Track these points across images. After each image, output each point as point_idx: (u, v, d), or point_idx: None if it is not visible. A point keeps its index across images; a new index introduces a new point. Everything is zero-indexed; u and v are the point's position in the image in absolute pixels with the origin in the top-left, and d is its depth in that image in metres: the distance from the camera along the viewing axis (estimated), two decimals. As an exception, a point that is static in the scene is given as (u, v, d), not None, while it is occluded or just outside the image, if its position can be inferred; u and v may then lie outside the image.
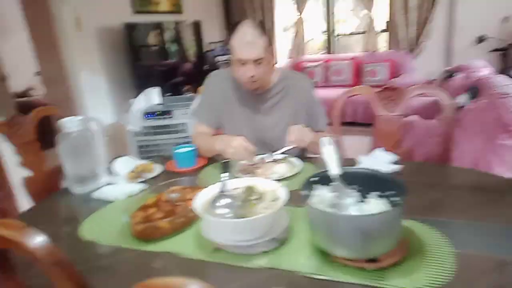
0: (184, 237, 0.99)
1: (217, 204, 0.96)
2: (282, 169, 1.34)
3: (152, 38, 4.10)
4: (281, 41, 5.73)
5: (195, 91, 4.38)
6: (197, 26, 4.65)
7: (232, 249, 0.89)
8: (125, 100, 3.84)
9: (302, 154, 1.62)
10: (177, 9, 4.62)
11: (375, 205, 0.91)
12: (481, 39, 4.53)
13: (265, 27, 5.29)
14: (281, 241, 0.91)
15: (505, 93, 2.30)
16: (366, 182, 0.95)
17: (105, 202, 1.23)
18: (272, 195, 0.98)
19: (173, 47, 4.44)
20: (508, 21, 4.32)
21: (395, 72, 4.70)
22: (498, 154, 2.36)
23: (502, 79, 2.62)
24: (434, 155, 1.61)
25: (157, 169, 1.46)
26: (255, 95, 1.57)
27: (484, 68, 3.25)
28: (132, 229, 1.01)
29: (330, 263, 0.82)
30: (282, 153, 1.40)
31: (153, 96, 2.52)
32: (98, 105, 3.37)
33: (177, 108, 2.50)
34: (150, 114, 2.48)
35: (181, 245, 0.95)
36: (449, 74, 3.38)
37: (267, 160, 1.40)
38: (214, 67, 5.21)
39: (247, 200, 0.97)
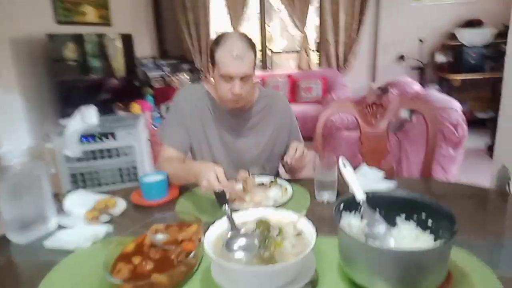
0: (189, 291, 0.79)
1: (233, 247, 0.78)
2: (274, 194, 1.20)
3: (75, 51, 3.67)
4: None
5: (127, 109, 4.04)
6: (127, 40, 4.30)
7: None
8: (44, 121, 3.35)
9: (276, 175, 1.50)
10: (105, 21, 4.23)
11: (407, 231, 0.83)
12: (401, 58, 4.95)
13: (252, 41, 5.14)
14: (312, 283, 0.77)
15: (443, 107, 2.47)
16: (392, 205, 0.87)
17: (63, 253, 0.95)
18: (292, 228, 0.84)
19: (100, 61, 4.04)
20: (423, 43, 4.79)
21: (328, 88, 4.88)
22: (440, 163, 2.51)
23: (438, 94, 2.83)
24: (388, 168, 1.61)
25: (120, 203, 1.21)
26: (234, 115, 1.42)
27: (413, 84, 3.51)
28: (119, 289, 0.78)
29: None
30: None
31: (89, 116, 2.19)
32: (10, 127, 2.86)
33: (120, 129, 2.20)
34: (87, 136, 2.14)
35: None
36: (385, 90, 3.58)
37: (253, 184, 1.25)
38: (146, 83, 4.89)
39: (267, 237, 0.81)
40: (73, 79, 3.59)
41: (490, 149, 3.63)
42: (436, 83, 4.76)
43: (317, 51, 5.36)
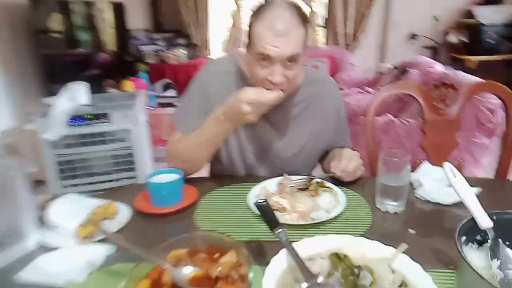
0: None
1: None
2: (325, 202, 0.92)
3: (61, 21, 3.30)
4: (214, 31, 5.22)
5: (118, 86, 3.71)
6: (119, 9, 3.92)
7: None
8: (27, 99, 3.00)
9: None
10: (93, -13, 3.81)
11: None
12: (413, 36, 4.65)
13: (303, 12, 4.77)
14: None
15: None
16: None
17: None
18: (386, 271, 0.57)
19: (88, 33, 3.67)
20: (437, 20, 4.49)
21: (336, 67, 4.57)
22: (471, 153, 2.27)
23: (468, 75, 2.56)
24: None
25: (123, 212, 0.93)
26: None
27: (434, 64, 3.23)
28: None
29: None
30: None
31: (78, 94, 1.86)
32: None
33: (115, 110, 1.88)
34: (77, 118, 1.81)
35: None
36: (402, 70, 3.30)
37: (297, 187, 0.97)
38: (139, 58, 4.52)
39: (359, 286, 0.54)
40: (59, 53, 3.25)
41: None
42: (450, 64, 4.49)
43: (324, 27, 5.01)
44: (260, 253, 0.74)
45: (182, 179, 0.98)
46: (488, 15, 4.13)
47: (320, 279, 0.54)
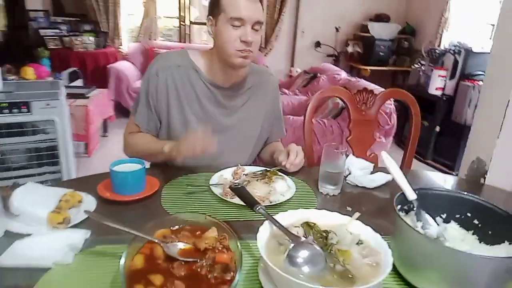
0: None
1: (297, 260, 0.64)
2: (281, 188, 1.07)
3: None
4: (125, 21, 4.99)
5: (17, 73, 3.32)
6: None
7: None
8: None
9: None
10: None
11: (455, 232, 0.81)
12: (317, 44, 5.14)
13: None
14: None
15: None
16: (434, 204, 0.83)
17: (28, 273, 0.68)
18: (346, 233, 0.73)
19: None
20: (338, 31, 5.04)
21: (250, 67, 4.80)
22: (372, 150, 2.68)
23: (369, 83, 2.99)
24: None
25: (88, 200, 0.94)
26: (222, 90, 1.22)
27: (340, 71, 3.67)
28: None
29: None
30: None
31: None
32: None
33: (35, 98, 1.72)
34: (-11, 106, 1.62)
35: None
36: (313, 75, 3.66)
37: (256, 176, 1.10)
38: (39, 43, 4.09)
39: (328, 246, 0.69)
40: None
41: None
42: (348, 72, 5.09)
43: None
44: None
45: (145, 169, 1.02)
46: (378, 30, 4.81)
47: (302, 239, 0.67)
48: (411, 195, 0.79)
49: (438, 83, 3.47)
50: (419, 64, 3.93)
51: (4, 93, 1.74)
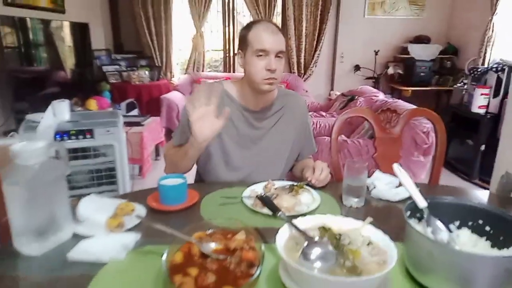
0: (261, 305, 0.73)
1: (310, 256, 0.74)
2: (306, 200, 1.17)
3: (27, 38, 3.30)
4: (176, 55, 5.42)
5: (82, 105, 3.74)
6: (83, 29, 3.99)
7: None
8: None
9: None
10: (58, 7, 3.87)
11: (466, 237, 0.86)
12: (356, 67, 5.21)
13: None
14: (388, 293, 0.75)
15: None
16: (446, 212, 0.89)
17: (90, 266, 0.83)
18: (359, 236, 0.82)
19: (49, 52, 3.68)
20: (377, 54, 5.08)
21: (290, 93, 4.95)
22: (411, 168, 2.67)
23: (406, 103, 3.01)
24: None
25: (139, 209, 1.10)
26: (254, 113, 1.37)
27: (377, 93, 3.70)
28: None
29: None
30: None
31: (61, 111, 1.96)
32: None
33: (98, 126, 2.00)
34: (61, 133, 1.91)
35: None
36: (351, 97, 3.73)
37: (285, 190, 1.21)
38: (101, 77, 4.57)
39: (341, 246, 0.78)
40: (17, 70, 3.22)
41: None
42: (389, 93, 5.08)
43: (278, 56, 5.41)
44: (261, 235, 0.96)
45: (186, 183, 1.17)
46: (419, 52, 4.79)
47: (316, 239, 0.77)
48: (421, 203, 0.86)
49: (481, 101, 3.38)
50: (462, 83, 3.86)
51: (72, 122, 2.02)
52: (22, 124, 1.89)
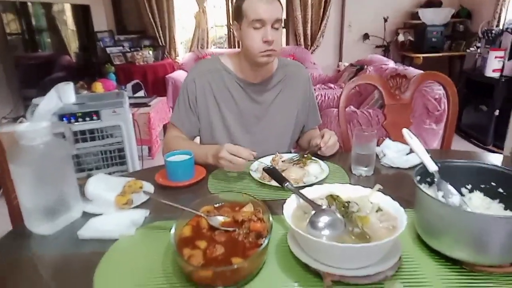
0: (270, 275, 0.73)
1: (318, 225, 0.73)
2: (314, 171, 1.15)
3: (30, 24, 3.28)
4: (180, 33, 5.34)
5: (89, 88, 3.74)
6: (84, 11, 3.95)
7: (355, 280, 0.68)
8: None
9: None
10: (58, -11, 3.80)
11: (479, 200, 0.84)
12: (365, 36, 5.06)
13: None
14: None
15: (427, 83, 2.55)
16: (457, 175, 0.87)
17: (101, 243, 0.84)
18: (367, 203, 0.80)
19: (52, 36, 3.66)
20: (387, 21, 4.92)
21: (298, 66, 4.87)
22: (423, 137, 2.62)
23: (416, 70, 2.92)
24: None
25: (147, 186, 1.10)
26: (254, 86, 1.34)
27: (387, 62, 3.60)
28: (195, 275, 0.70)
29: (469, 273, 0.70)
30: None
31: (67, 94, 1.96)
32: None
33: (105, 107, 2.00)
34: (68, 116, 1.92)
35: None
36: (360, 67, 3.64)
37: (293, 162, 1.20)
38: (105, 59, 4.55)
39: (349, 213, 0.77)
40: (23, 56, 3.22)
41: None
42: (399, 61, 4.94)
43: (283, 27, 5.29)
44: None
45: (193, 159, 1.17)
46: (430, 17, 4.61)
47: (324, 207, 0.76)
48: (432, 167, 0.84)
49: (495, 64, 3.26)
50: (475, 47, 3.72)
51: (78, 104, 2.02)
52: (29, 108, 1.90)
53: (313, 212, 0.75)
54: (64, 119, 1.93)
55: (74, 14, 3.84)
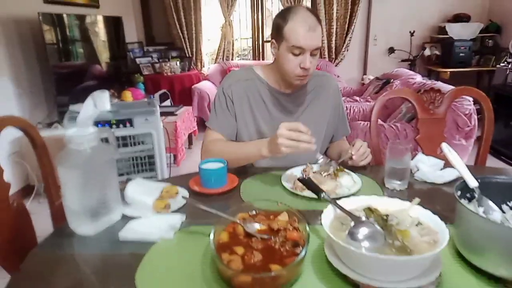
0: (308, 285, 0.73)
1: (358, 236, 0.73)
2: (347, 183, 1.15)
3: (65, 34, 3.42)
4: (206, 45, 5.46)
5: (119, 97, 3.85)
6: (117, 23, 4.09)
7: (395, 293, 0.68)
8: (36, 107, 3.13)
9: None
10: (93, 2, 3.98)
11: (521, 217, 0.82)
12: (391, 50, 5.03)
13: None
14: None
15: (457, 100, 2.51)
16: (498, 192, 0.85)
17: (141, 245, 0.87)
18: (407, 216, 0.80)
19: (87, 46, 3.80)
20: (413, 35, 4.88)
21: (322, 79, 4.88)
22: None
23: (446, 85, 2.88)
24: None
25: (182, 192, 1.13)
26: (286, 96, 1.36)
27: (415, 75, 3.57)
28: (235, 280, 0.71)
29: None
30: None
31: (102, 102, 2.03)
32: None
33: (136, 116, 2.07)
34: (103, 123, 1.99)
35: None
36: (386, 81, 3.62)
37: (327, 172, 1.20)
38: (135, 69, 4.69)
39: (388, 226, 0.77)
40: (58, 65, 3.35)
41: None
42: (425, 75, 4.88)
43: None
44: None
45: (226, 167, 1.19)
46: (458, 31, 4.56)
47: (363, 219, 0.77)
48: (472, 182, 0.83)
49: (527, 80, 3.19)
50: (505, 62, 3.64)
51: (112, 112, 2.10)
52: (66, 115, 1.98)
53: (352, 223, 0.76)
54: (99, 125, 2.00)
55: (106, 25, 3.98)
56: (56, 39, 3.25)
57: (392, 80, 3.57)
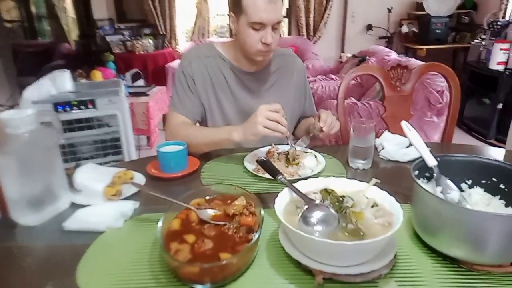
0: (260, 272, 0.70)
1: (311, 220, 0.70)
2: (310, 164, 1.12)
3: (25, 11, 3.23)
4: (181, 22, 5.27)
5: (87, 76, 3.69)
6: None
7: (348, 279, 0.66)
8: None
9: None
10: (56, -25, 3.75)
11: (478, 196, 0.80)
12: (369, 27, 4.98)
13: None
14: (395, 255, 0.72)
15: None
16: (457, 170, 0.83)
17: (87, 235, 0.82)
18: (363, 198, 0.77)
19: (50, 23, 3.61)
20: (391, 12, 4.84)
21: (300, 56, 4.79)
22: (424, 129, 2.58)
23: (418, 62, 2.86)
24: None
25: (138, 177, 1.07)
26: (249, 75, 1.30)
27: (390, 53, 3.54)
28: (181, 271, 0.67)
29: (467, 272, 0.68)
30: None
31: (63, 82, 1.92)
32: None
33: (100, 96, 1.97)
34: (63, 104, 1.88)
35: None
36: (362, 58, 3.58)
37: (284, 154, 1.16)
38: (105, 48, 4.49)
39: (343, 208, 0.74)
40: (20, 43, 3.19)
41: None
42: (403, 52, 4.87)
43: (285, 17, 5.21)
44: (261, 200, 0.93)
45: (186, 150, 1.13)
46: (435, 7, 4.53)
47: (317, 202, 0.73)
48: (431, 161, 0.80)
49: (500, 57, 3.20)
50: (479, 39, 3.65)
51: (74, 93, 1.99)
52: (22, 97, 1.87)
53: (305, 206, 0.72)
54: (59, 107, 1.90)
55: (74, 2, 3.78)
56: (19, 16, 3.07)
57: (368, 57, 3.54)
